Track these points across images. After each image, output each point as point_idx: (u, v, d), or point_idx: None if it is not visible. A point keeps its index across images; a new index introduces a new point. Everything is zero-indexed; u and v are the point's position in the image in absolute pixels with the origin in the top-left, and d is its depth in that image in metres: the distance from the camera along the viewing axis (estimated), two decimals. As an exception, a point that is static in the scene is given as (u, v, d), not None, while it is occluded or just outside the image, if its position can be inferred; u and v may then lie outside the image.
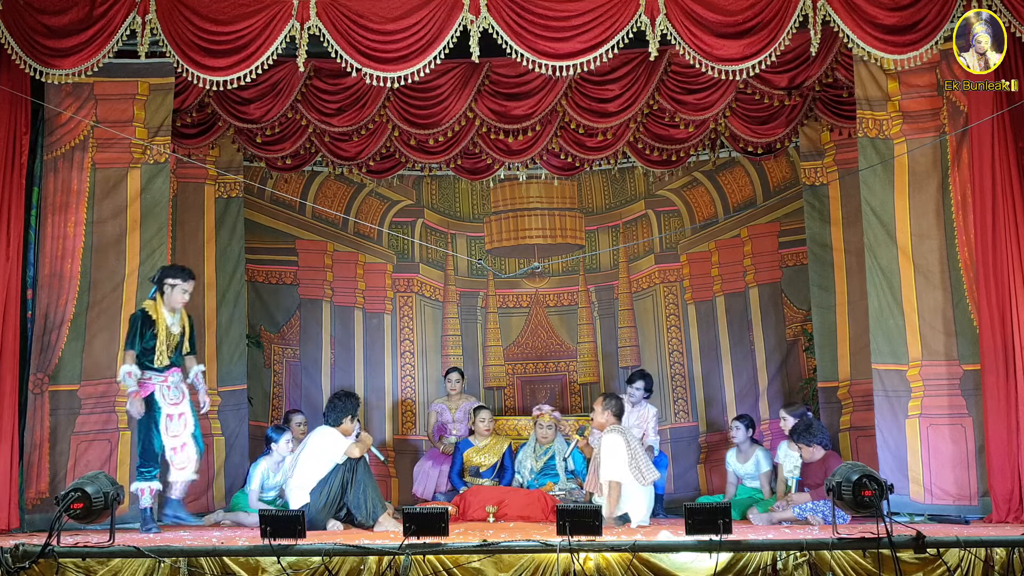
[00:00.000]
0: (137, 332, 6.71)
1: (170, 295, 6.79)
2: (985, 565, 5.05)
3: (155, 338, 6.70)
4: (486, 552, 5.14)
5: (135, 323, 6.74)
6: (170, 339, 6.78)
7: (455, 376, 8.93)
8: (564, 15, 6.59)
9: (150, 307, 6.78)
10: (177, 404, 6.77)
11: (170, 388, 6.76)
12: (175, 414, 6.74)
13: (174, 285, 6.80)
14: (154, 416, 6.67)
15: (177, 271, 6.90)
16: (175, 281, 6.81)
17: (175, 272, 6.89)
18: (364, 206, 9.74)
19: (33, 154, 7.24)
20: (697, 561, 5.09)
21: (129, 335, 6.74)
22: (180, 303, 6.84)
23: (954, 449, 6.77)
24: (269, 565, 5.16)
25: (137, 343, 6.68)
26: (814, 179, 8.41)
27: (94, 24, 6.70)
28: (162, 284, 6.81)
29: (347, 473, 6.74)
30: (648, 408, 8.33)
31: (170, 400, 6.75)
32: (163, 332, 6.73)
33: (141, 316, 6.75)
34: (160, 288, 6.82)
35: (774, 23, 6.45)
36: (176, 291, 6.80)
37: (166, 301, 6.80)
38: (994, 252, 6.55)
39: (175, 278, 6.83)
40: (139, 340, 6.68)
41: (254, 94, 7.87)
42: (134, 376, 6.61)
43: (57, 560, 5.16)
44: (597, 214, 9.89)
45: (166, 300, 6.80)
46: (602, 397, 7.11)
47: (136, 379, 6.61)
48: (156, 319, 6.73)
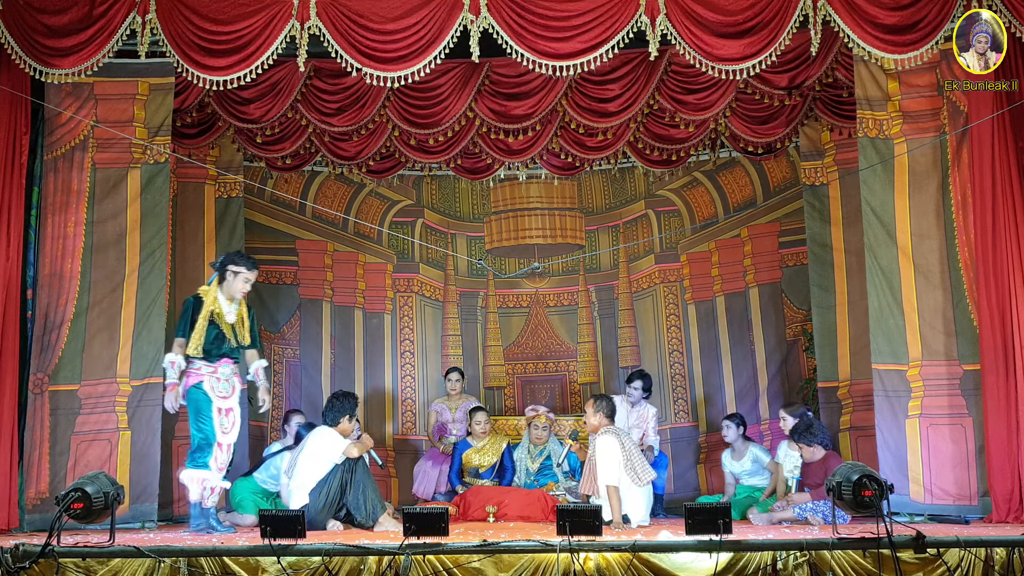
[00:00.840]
0: (188, 318, 6.47)
1: (231, 282, 6.61)
2: (985, 565, 5.05)
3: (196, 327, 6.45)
4: (486, 552, 5.14)
5: (187, 308, 6.52)
6: (225, 328, 6.55)
7: (455, 376, 8.93)
8: (564, 15, 6.59)
9: (205, 293, 6.58)
10: (226, 399, 6.56)
11: (219, 380, 6.55)
12: (224, 408, 6.53)
13: (237, 272, 6.62)
14: (203, 407, 6.46)
15: (243, 259, 6.71)
16: (239, 269, 6.63)
17: (240, 260, 6.70)
18: (364, 206, 9.75)
19: (33, 154, 7.24)
20: (697, 561, 5.08)
21: (180, 321, 6.54)
22: (240, 292, 6.65)
23: (954, 449, 6.77)
24: (269, 565, 5.15)
25: (188, 330, 6.45)
26: (814, 179, 8.41)
27: (94, 24, 6.70)
28: (224, 270, 6.63)
29: (346, 474, 6.74)
30: (648, 408, 8.33)
31: (219, 393, 6.52)
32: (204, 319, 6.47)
33: (194, 302, 6.53)
34: (222, 275, 6.63)
35: (774, 23, 6.45)
36: (239, 279, 6.62)
37: (225, 288, 6.62)
38: (994, 252, 6.55)
39: (239, 265, 6.64)
40: (190, 327, 6.45)
41: (254, 94, 7.87)
42: (177, 367, 6.40)
43: (57, 560, 5.16)
44: (597, 214, 9.89)
45: (225, 287, 6.62)
46: (592, 399, 7.03)
47: (180, 370, 6.40)
48: (208, 305, 6.51)
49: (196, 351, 6.52)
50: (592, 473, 6.81)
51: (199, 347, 6.51)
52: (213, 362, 6.57)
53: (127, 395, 7.14)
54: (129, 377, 7.16)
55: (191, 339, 6.51)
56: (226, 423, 6.57)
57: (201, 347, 6.51)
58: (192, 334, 6.49)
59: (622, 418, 7.98)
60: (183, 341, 6.48)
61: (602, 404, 6.92)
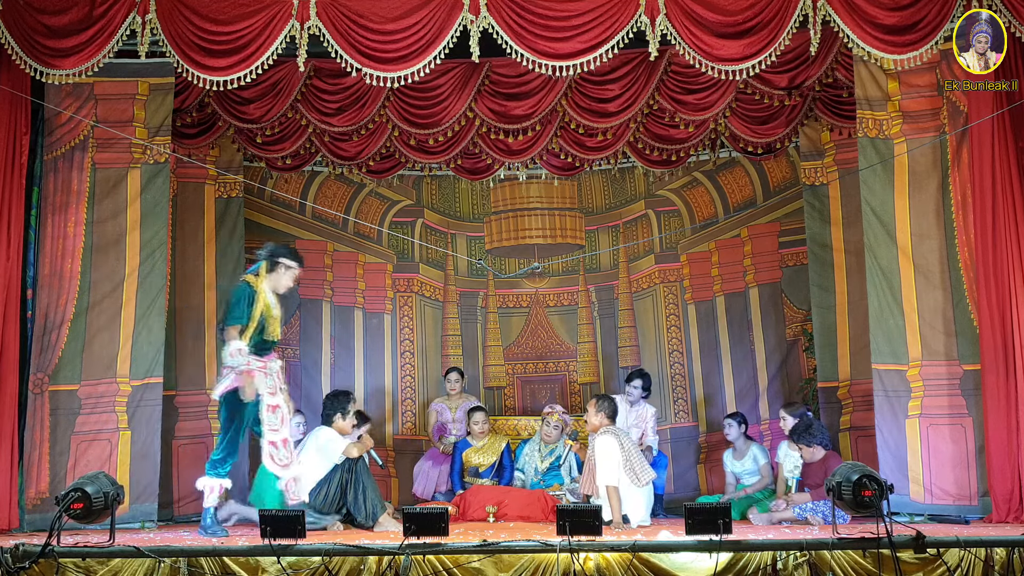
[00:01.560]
0: (247, 306, 6.25)
1: (280, 276, 6.46)
2: (985, 565, 5.05)
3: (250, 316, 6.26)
4: (486, 552, 5.14)
5: (244, 295, 6.30)
6: (269, 321, 6.38)
7: (455, 376, 8.93)
8: (564, 15, 6.59)
9: (253, 281, 6.39)
10: (274, 394, 6.36)
11: (267, 375, 6.36)
12: (271, 405, 6.34)
13: (289, 267, 6.49)
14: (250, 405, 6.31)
15: (295, 254, 6.57)
16: (291, 264, 6.50)
17: (293, 255, 6.55)
18: (364, 206, 9.74)
19: (33, 154, 7.24)
20: (697, 561, 5.09)
21: (236, 308, 6.29)
22: (285, 288, 6.53)
23: (954, 449, 6.77)
24: (269, 565, 5.16)
25: (247, 317, 6.26)
26: (814, 179, 8.41)
27: (94, 24, 6.70)
28: (275, 263, 6.47)
29: (346, 474, 6.74)
30: (647, 408, 8.33)
31: (268, 388, 6.34)
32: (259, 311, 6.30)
33: (249, 290, 6.31)
34: (271, 266, 6.47)
35: (774, 23, 6.45)
36: (288, 275, 6.49)
37: (271, 281, 6.46)
38: (994, 252, 6.55)
39: (292, 260, 6.51)
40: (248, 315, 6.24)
41: (254, 94, 7.87)
42: (245, 352, 6.19)
43: (57, 560, 5.17)
44: (597, 214, 9.89)
45: (272, 280, 6.46)
46: (594, 399, 7.04)
47: (246, 356, 6.20)
48: (259, 295, 6.33)
49: (249, 344, 6.31)
50: (592, 473, 6.82)
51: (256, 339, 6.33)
52: (263, 356, 6.40)
53: (127, 395, 7.14)
54: (129, 377, 7.16)
55: (248, 330, 6.29)
56: (275, 420, 6.36)
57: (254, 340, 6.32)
58: (249, 325, 6.28)
59: (621, 417, 7.98)
60: (242, 328, 6.24)
61: (604, 404, 6.93)
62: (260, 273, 6.48)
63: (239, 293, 6.36)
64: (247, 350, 6.23)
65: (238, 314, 6.28)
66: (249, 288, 6.37)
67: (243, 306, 6.29)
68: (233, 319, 6.30)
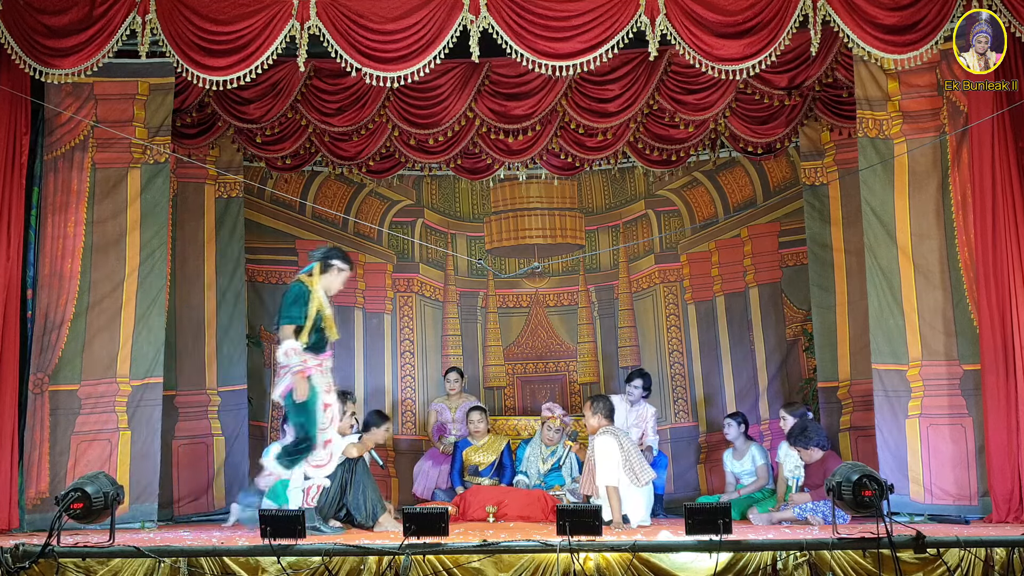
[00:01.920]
0: (305, 306, 6.25)
1: (333, 278, 6.46)
2: (985, 565, 5.05)
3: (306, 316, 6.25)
4: (486, 552, 5.14)
5: (299, 295, 6.32)
6: (325, 320, 6.36)
7: (454, 376, 8.93)
8: (564, 15, 6.59)
9: (308, 281, 6.40)
10: (329, 392, 6.38)
11: (322, 374, 6.36)
12: (324, 403, 6.34)
13: (342, 271, 6.50)
14: (311, 402, 6.27)
15: (347, 257, 6.58)
16: (344, 267, 6.51)
17: (346, 258, 6.57)
18: (364, 206, 9.74)
19: (33, 154, 7.24)
20: (697, 561, 5.09)
21: (292, 308, 6.29)
22: (335, 291, 6.52)
23: (954, 449, 6.77)
24: (269, 565, 5.16)
25: (303, 316, 6.25)
26: (814, 179, 8.41)
27: (94, 24, 6.70)
28: (328, 264, 6.46)
29: (346, 474, 6.74)
30: (647, 407, 8.33)
31: (323, 387, 6.35)
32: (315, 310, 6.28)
33: (304, 289, 6.31)
34: (325, 268, 6.46)
35: (774, 23, 6.45)
36: (340, 277, 6.49)
37: (324, 282, 6.45)
38: (994, 252, 6.55)
39: (346, 263, 6.53)
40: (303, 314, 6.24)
41: (254, 94, 7.87)
42: (299, 352, 6.19)
43: (57, 560, 5.17)
44: (597, 214, 9.89)
45: (324, 281, 6.45)
46: (590, 401, 7.03)
47: (300, 355, 6.21)
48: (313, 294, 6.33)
49: (306, 342, 6.30)
50: (592, 473, 6.82)
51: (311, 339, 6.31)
52: (319, 355, 6.39)
53: (127, 395, 7.14)
54: (129, 377, 7.16)
55: (305, 330, 6.28)
56: (324, 419, 6.37)
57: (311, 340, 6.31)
58: (306, 324, 6.27)
59: (621, 417, 7.98)
60: (299, 328, 6.24)
61: (599, 405, 6.93)
62: (313, 273, 6.47)
63: (294, 293, 6.36)
64: (301, 349, 6.23)
65: (294, 314, 6.28)
66: (304, 287, 6.37)
67: (299, 305, 6.29)
68: (288, 318, 6.30)
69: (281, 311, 6.40)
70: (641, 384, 8.34)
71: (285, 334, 6.28)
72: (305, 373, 6.25)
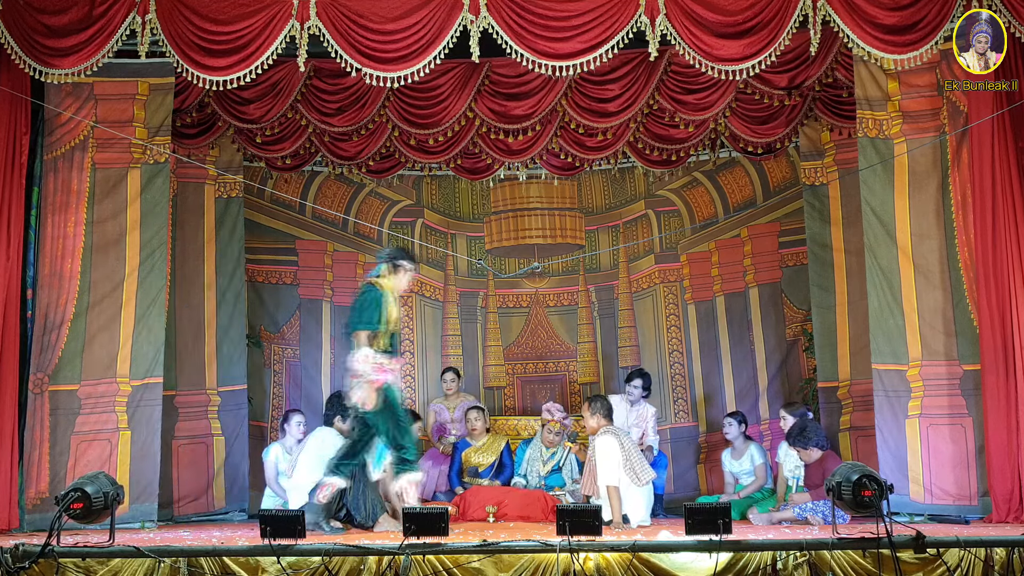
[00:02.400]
0: (380, 310, 6.21)
1: (401, 278, 6.44)
2: (985, 565, 5.05)
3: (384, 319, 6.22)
4: (486, 552, 5.14)
5: (377, 300, 6.27)
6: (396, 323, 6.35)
7: (450, 376, 8.92)
8: (564, 15, 6.59)
9: (381, 285, 6.36)
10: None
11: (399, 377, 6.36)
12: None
13: (408, 270, 6.46)
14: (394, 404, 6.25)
15: (411, 257, 6.55)
16: (411, 266, 6.49)
17: (410, 258, 6.55)
18: (364, 206, 9.74)
19: (33, 154, 7.24)
20: (697, 561, 5.09)
21: (366, 312, 6.26)
22: (402, 290, 6.49)
23: (954, 449, 6.77)
24: (269, 565, 5.16)
25: (377, 321, 6.19)
26: (814, 179, 8.41)
27: (94, 24, 6.70)
28: (396, 265, 6.43)
29: (346, 474, 6.74)
30: (647, 407, 8.32)
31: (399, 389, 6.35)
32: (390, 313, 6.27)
33: (378, 293, 6.27)
34: (393, 268, 6.44)
35: (774, 23, 6.45)
36: (407, 276, 6.47)
37: (393, 283, 6.42)
38: (994, 252, 6.55)
39: (412, 263, 6.51)
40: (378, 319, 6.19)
41: (254, 94, 7.87)
42: (374, 358, 6.16)
43: (57, 560, 5.17)
44: (597, 214, 9.89)
45: (393, 282, 6.43)
46: (587, 402, 7.02)
47: (374, 364, 6.17)
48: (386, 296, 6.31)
49: (385, 346, 6.27)
50: (592, 474, 6.82)
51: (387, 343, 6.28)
52: (394, 358, 6.38)
53: (127, 395, 7.15)
54: (129, 377, 7.17)
55: (383, 334, 6.26)
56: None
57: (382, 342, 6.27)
58: (381, 328, 6.24)
59: (621, 417, 7.97)
60: (375, 334, 6.20)
61: (598, 405, 6.92)
62: (383, 275, 6.45)
63: (368, 297, 6.31)
64: (375, 356, 6.19)
65: (368, 318, 6.23)
66: (377, 291, 6.34)
67: (373, 310, 6.25)
68: (363, 323, 6.24)
69: (353, 316, 6.34)
70: (641, 384, 8.33)
71: (360, 340, 6.22)
72: (379, 383, 6.20)
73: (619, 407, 7.87)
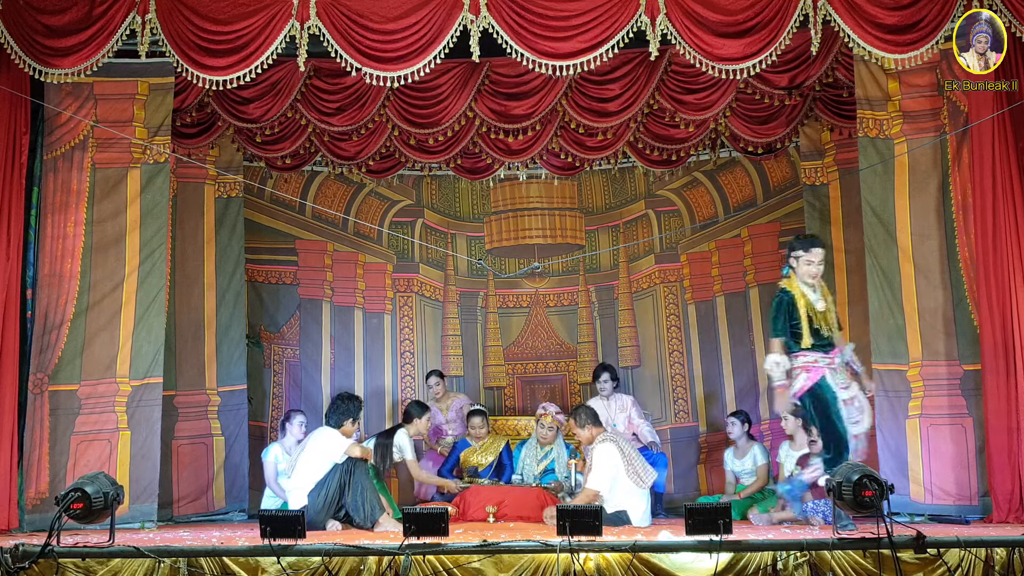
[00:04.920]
0: (784, 314, 6.22)
1: (798, 269, 6.35)
2: (985, 565, 5.05)
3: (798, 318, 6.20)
4: (486, 552, 5.14)
5: (781, 304, 6.26)
6: (816, 316, 6.26)
7: (434, 379, 8.90)
8: (564, 15, 6.59)
9: (789, 286, 6.34)
10: (847, 388, 6.27)
11: (836, 371, 6.27)
12: (845, 400, 6.23)
13: (798, 257, 6.35)
14: (828, 401, 6.20)
15: (800, 243, 6.42)
16: (798, 253, 6.36)
17: (797, 243, 6.43)
18: (364, 206, 9.74)
19: (33, 154, 7.24)
20: (697, 561, 5.08)
21: (774, 321, 6.29)
22: (810, 275, 6.34)
23: (954, 449, 6.77)
24: (269, 565, 5.15)
25: (785, 327, 6.21)
26: (814, 179, 8.41)
27: (94, 24, 6.70)
28: (793, 257, 6.38)
29: (344, 475, 6.73)
30: (623, 398, 8.32)
31: (839, 384, 6.26)
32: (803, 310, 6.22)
33: (787, 297, 6.26)
34: (790, 264, 6.40)
35: (774, 23, 6.45)
36: (801, 263, 6.33)
37: (798, 276, 6.35)
38: (994, 252, 6.55)
39: (796, 250, 6.38)
40: (787, 324, 6.20)
41: (254, 94, 7.86)
42: (782, 366, 6.18)
43: (57, 560, 5.16)
44: (597, 214, 9.89)
45: (798, 275, 6.35)
46: (571, 418, 7.00)
47: (784, 369, 6.19)
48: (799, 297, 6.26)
49: (808, 344, 6.23)
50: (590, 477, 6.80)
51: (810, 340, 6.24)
52: (828, 352, 6.30)
53: (127, 395, 7.14)
54: (129, 377, 7.16)
55: (803, 333, 6.24)
56: (854, 413, 6.28)
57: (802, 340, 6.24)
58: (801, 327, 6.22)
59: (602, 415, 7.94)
60: (780, 341, 6.23)
61: (582, 416, 6.93)
62: (791, 274, 6.41)
63: (775, 303, 6.34)
64: (786, 363, 6.21)
65: (776, 327, 6.28)
66: (783, 295, 6.32)
67: (779, 317, 6.27)
68: (772, 332, 6.31)
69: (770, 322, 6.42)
70: (608, 376, 8.34)
71: (771, 347, 6.30)
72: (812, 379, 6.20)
73: (597, 407, 7.80)
